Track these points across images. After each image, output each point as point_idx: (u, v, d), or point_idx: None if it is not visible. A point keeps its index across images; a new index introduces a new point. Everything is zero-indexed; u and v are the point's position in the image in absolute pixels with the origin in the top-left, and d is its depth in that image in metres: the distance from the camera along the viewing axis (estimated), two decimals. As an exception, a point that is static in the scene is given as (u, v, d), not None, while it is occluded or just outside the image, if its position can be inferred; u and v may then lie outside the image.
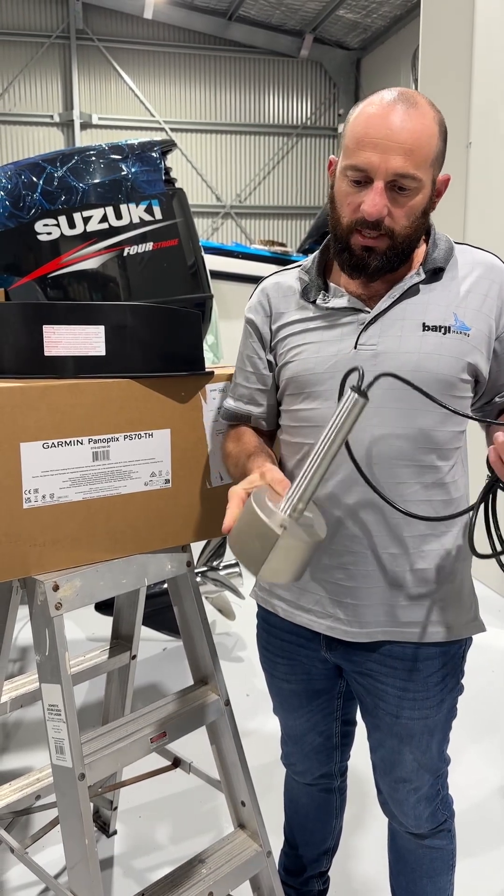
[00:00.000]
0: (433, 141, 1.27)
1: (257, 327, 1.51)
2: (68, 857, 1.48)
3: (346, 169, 1.28)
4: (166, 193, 1.71)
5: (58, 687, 1.41)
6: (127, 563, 1.50)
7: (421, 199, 1.29)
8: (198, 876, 1.61)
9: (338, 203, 1.33)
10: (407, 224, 1.30)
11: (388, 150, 1.23)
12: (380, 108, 1.25)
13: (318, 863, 1.89)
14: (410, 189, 1.26)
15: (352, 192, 1.29)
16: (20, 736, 2.78)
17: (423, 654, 1.44)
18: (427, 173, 1.27)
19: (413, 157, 1.24)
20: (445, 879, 1.66)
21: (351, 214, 1.30)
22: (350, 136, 1.28)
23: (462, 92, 4.16)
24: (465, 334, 1.35)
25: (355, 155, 1.26)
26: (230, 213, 13.33)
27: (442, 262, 1.37)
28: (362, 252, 1.31)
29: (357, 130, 1.26)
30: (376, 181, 1.25)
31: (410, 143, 1.23)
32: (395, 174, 1.24)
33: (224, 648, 3.46)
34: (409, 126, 1.24)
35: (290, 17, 12.33)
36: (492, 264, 1.40)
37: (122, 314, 1.45)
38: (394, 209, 1.27)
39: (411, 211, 1.29)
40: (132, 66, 12.53)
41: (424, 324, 1.34)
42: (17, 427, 1.33)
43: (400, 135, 1.23)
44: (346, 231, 1.32)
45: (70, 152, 1.73)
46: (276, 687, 1.65)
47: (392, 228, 1.29)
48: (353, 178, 1.28)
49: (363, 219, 1.28)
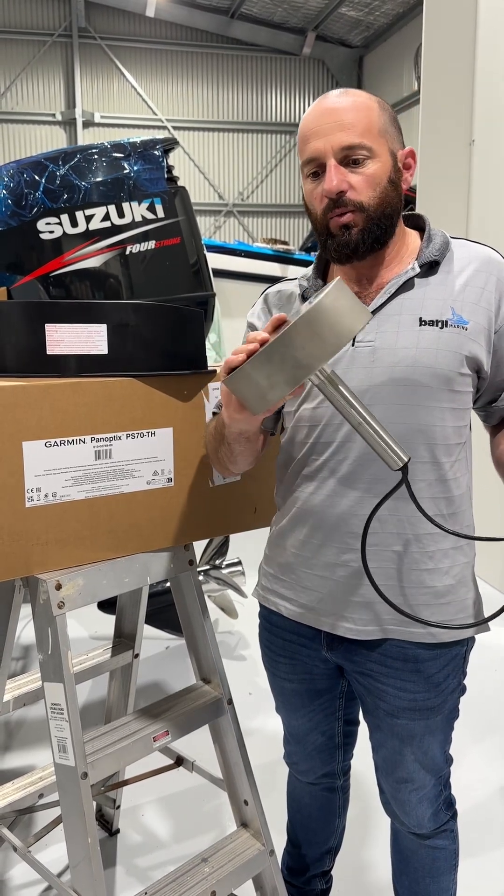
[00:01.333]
0: (371, 114, 1.32)
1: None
2: (71, 856, 1.48)
3: (302, 168, 1.36)
4: (168, 192, 1.71)
5: (60, 686, 1.41)
6: (129, 561, 1.50)
7: (380, 169, 1.32)
8: (200, 875, 1.61)
9: (309, 203, 1.38)
10: (374, 194, 1.32)
11: (327, 132, 1.30)
12: (315, 106, 1.36)
13: (321, 862, 1.88)
14: (363, 158, 1.30)
15: (314, 185, 1.35)
16: (23, 735, 2.78)
17: (425, 654, 1.43)
18: (377, 142, 1.31)
19: (354, 129, 1.30)
20: (448, 879, 1.66)
21: (320, 204, 1.34)
22: (299, 140, 1.38)
23: (465, 89, 4.15)
24: (463, 328, 1.34)
25: (304, 150, 1.34)
26: (233, 212, 13.32)
27: (437, 255, 1.37)
28: (341, 231, 1.33)
29: (302, 131, 1.36)
30: (328, 161, 1.31)
31: (347, 119, 1.30)
32: (340, 148, 1.30)
33: (227, 647, 3.46)
34: (341, 106, 1.32)
35: (293, 15, 12.31)
36: (489, 257, 1.39)
37: (125, 313, 1.45)
38: (354, 182, 1.31)
39: (372, 180, 1.31)
40: (134, 65, 12.53)
41: (421, 318, 1.34)
42: (19, 426, 1.33)
43: (333, 115, 1.31)
44: (322, 223, 1.35)
45: (72, 151, 1.73)
46: (278, 686, 1.65)
47: (359, 201, 1.31)
48: (310, 171, 1.34)
49: (329, 201, 1.32)
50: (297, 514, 1.46)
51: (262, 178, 13.42)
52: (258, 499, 1.69)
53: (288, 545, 1.49)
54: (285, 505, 1.51)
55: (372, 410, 1.28)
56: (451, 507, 1.40)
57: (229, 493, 1.63)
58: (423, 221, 1.44)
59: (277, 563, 1.53)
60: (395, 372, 1.34)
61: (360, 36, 12.89)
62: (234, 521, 1.68)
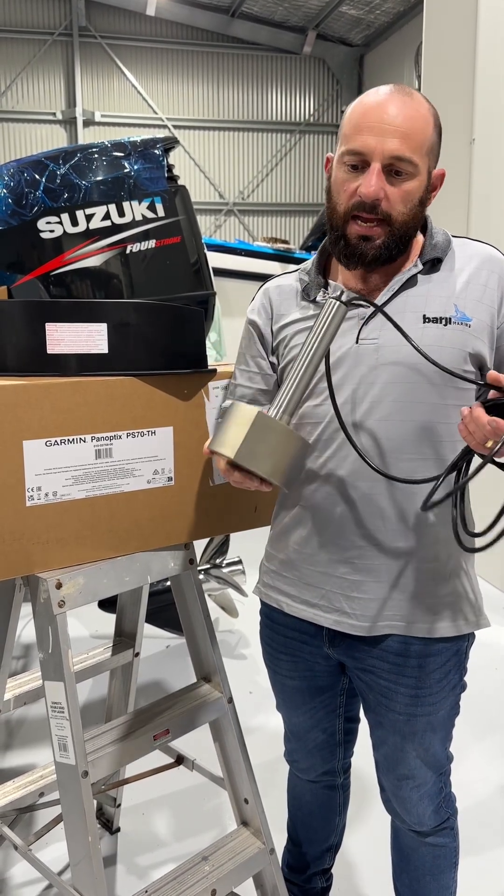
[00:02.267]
0: (428, 129, 1.30)
1: (259, 329, 1.51)
2: (71, 855, 1.48)
3: (343, 155, 1.31)
4: (169, 191, 1.71)
5: (61, 684, 1.41)
6: (130, 560, 1.50)
7: (417, 186, 1.31)
8: (201, 873, 1.61)
9: (335, 191, 1.35)
10: (404, 210, 1.31)
11: (384, 132, 1.27)
12: (376, 98, 1.30)
13: (322, 860, 1.89)
14: (406, 173, 1.29)
15: (349, 178, 1.31)
16: (23, 733, 2.78)
17: (426, 650, 1.44)
18: (422, 160, 1.30)
19: (408, 141, 1.27)
20: (448, 877, 1.66)
21: (347, 200, 1.31)
22: (348, 124, 1.32)
23: (465, 88, 4.15)
24: (467, 325, 1.34)
25: (353, 140, 1.29)
26: (233, 211, 13.31)
27: (440, 252, 1.37)
28: (358, 241, 1.32)
29: (355, 118, 1.30)
30: (373, 163, 1.28)
31: (406, 128, 1.27)
32: (391, 156, 1.27)
33: (227, 646, 3.46)
34: (405, 112, 1.28)
35: (293, 14, 12.30)
36: (490, 255, 1.40)
37: (125, 312, 1.45)
38: (390, 193, 1.29)
39: (408, 196, 1.30)
40: (135, 63, 12.52)
41: (425, 316, 1.34)
42: (19, 425, 1.33)
43: (396, 119, 1.27)
44: (343, 219, 1.33)
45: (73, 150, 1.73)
46: (279, 683, 1.65)
47: (389, 213, 1.30)
48: (351, 162, 1.30)
49: (360, 202, 1.29)
50: (300, 511, 1.47)
51: (263, 177, 13.41)
52: (258, 498, 1.69)
53: (290, 542, 1.50)
54: (288, 502, 1.51)
55: (376, 407, 1.29)
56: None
57: (230, 491, 1.63)
58: (426, 219, 1.43)
59: (279, 559, 1.53)
60: (398, 369, 1.34)
61: (360, 34, 12.87)
62: (234, 519, 1.68)
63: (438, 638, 1.43)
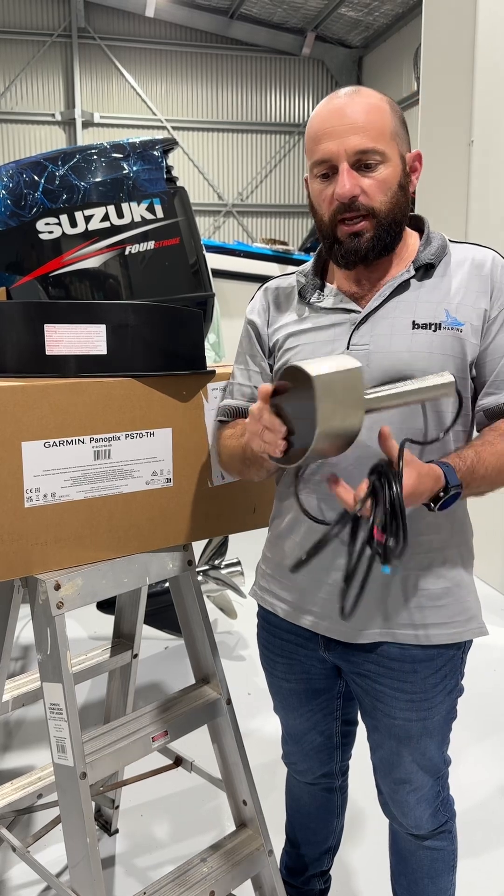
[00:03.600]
0: (385, 116, 1.31)
1: (258, 329, 1.51)
2: (70, 856, 1.48)
3: (312, 168, 1.34)
4: (168, 192, 1.71)
5: (59, 686, 1.41)
6: (128, 562, 1.50)
7: (391, 172, 1.31)
8: (199, 875, 1.61)
9: (316, 204, 1.37)
10: (385, 199, 1.31)
11: (341, 133, 1.28)
12: (327, 106, 1.33)
13: (320, 862, 1.88)
14: (375, 163, 1.29)
15: (323, 187, 1.33)
16: (22, 735, 2.78)
17: (422, 655, 1.43)
18: (388, 146, 1.30)
19: (368, 132, 1.28)
20: (447, 880, 1.66)
21: (328, 207, 1.33)
22: (309, 138, 1.35)
23: (464, 90, 4.15)
24: (458, 330, 1.34)
25: (316, 151, 1.32)
26: (232, 212, 13.32)
27: (433, 258, 1.37)
28: (349, 239, 1.32)
29: (312, 131, 1.33)
30: (340, 165, 1.29)
31: (361, 122, 1.28)
32: (355, 152, 1.28)
33: (225, 647, 3.46)
34: (356, 108, 1.29)
35: (292, 16, 12.32)
36: (482, 260, 1.38)
37: (124, 313, 1.45)
38: (366, 187, 1.30)
39: (384, 184, 1.31)
40: (134, 65, 12.53)
41: (414, 322, 1.34)
42: (18, 426, 1.33)
43: (349, 118, 1.29)
44: (330, 225, 1.34)
45: (72, 151, 1.73)
46: (276, 686, 1.65)
47: (371, 206, 1.31)
48: (321, 172, 1.32)
49: (340, 205, 1.30)
50: (295, 516, 1.46)
51: (262, 179, 13.42)
52: (257, 499, 1.69)
53: (285, 547, 1.49)
54: (283, 506, 1.51)
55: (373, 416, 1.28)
56: (452, 515, 1.40)
57: (228, 493, 1.63)
58: (423, 223, 1.43)
59: (275, 563, 1.53)
60: (389, 376, 1.33)
61: (359, 36, 12.89)
62: (233, 521, 1.68)
63: (431, 645, 1.43)
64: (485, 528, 1.56)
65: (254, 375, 1.52)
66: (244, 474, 1.47)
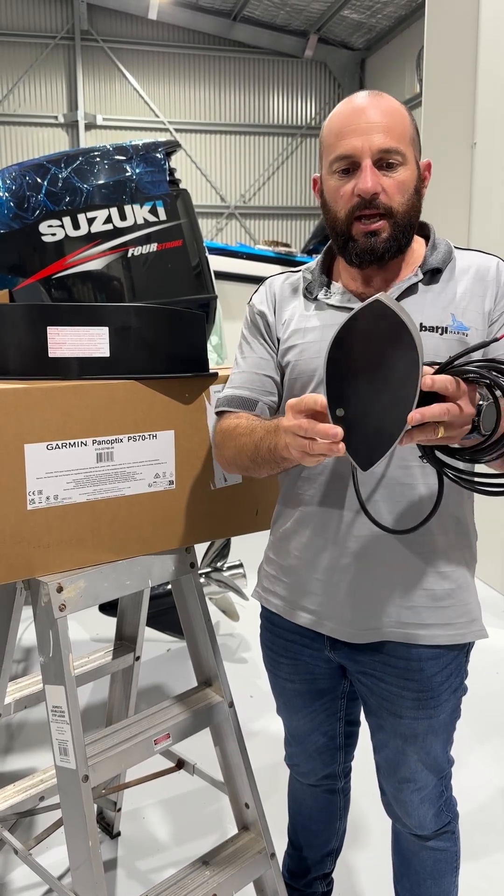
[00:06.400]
0: (406, 121, 1.34)
1: (266, 318, 1.49)
2: (72, 859, 1.48)
3: (332, 163, 1.34)
4: (170, 194, 1.71)
5: (61, 688, 1.41)
6: (131, 564, 1.49)
7: (410, 175, 1.33)
8: (201, 878, 1.61)
9: (330, 201, 1.37)
10: (403, 200, 1.33)
11: (367, 131, 1.30)
12: (351, 105, 1.34)
13: (322, 864, 1.88)
14: (397, 164, 1.31)
15: (342, 183, 1.33)
16: (24, 737, 2.78)
17: (427, 654, 1.43)
18: (408, 149, 1.33)
19: (391, 133, 1.30)
20: (449, 881, 1.66)
21: (346, 203, 1.33)
22: (329, 134, 1.35)
23: (467, 92, 4.15)
24: (464, 334, 1.35)
25: (338, 146, 1.32)
26: (234, 214, 13.32)
27: (440, 263, 1.38)
28: (366, 238, 1.33)
29: (335, 126, 1.34)
30: (364, 161, 1.30)
31: (386, 122, 1.31)
32: (379, 150, 1.30)
33: (228, 650, 3.46)
34: (381, 109, 1.32)
35: (295, 18, 12.32)
36: (487, 266, 1.41)
37: (127, 315, 1.45)
38: (386, 186, 1.31)
39: (403, 186, 1.32)
40: (137, 67, 12.54)
41: (422, 324, 1.35)
42: (21, 428, 1.33)
43: (374, 117, 1.31)
44: (346, 222, 1.34)
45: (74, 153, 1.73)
46: (280, 687, 1.65)
47: (389, 206, 1.32)
48: (341, 167, 1.33)
49: (360, 201, 1.31)
50: (300, 517, 1.46)
51: (265, 181, 13.42)
52: (259, 501, 1.69)
53: (291, 547, 1.49)
54: (288, 508, 1.51)
55: None
56: (457, 511, 1.41)
57: (231, 495, 1.63)
58: (429, 230, 1.45)
59: (279, 564, 1.53)
60: None
61: (362, 38, 12.89)
62: (235, 523, 1.68)
63: (436, 645, 1.43)
64: (485, 529, 1.56)
65: (261, 362, 1.50)
66: (250, 471, 1.43)
